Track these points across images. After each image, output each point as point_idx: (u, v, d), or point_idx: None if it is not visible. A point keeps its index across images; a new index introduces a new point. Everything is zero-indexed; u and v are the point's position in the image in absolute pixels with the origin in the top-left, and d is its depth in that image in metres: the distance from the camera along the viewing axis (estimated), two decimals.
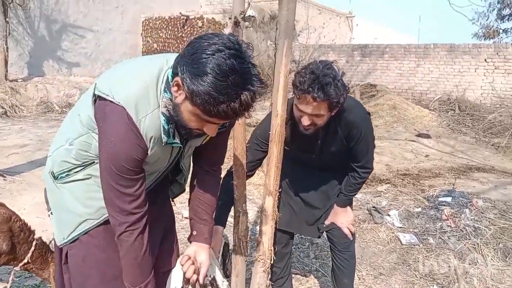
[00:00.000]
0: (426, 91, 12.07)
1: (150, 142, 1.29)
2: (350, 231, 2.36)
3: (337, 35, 17.36)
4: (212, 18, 13.70)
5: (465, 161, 7.36)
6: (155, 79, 1.28)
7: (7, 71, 10.62)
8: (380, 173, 6.15)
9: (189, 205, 1.68)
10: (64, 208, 1.48)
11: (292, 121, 2.07)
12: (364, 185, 5.69)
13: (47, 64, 12.76)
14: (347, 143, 2.10)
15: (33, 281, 2.73)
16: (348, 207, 2.37)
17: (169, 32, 14.43)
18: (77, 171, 1.43)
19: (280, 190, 2.15)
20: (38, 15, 12.34)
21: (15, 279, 2.29)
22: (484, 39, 17.23)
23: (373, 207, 4.10)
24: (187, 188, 1.72)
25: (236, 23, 1.97)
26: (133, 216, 1.32)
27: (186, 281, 1.54)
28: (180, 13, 14.02)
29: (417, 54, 12.15)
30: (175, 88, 1.21)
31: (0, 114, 8.90)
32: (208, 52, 1.13)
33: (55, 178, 1.47)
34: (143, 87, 1.26)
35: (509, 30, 17.42)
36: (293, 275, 3.01)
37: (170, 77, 1.26)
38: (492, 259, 3.41)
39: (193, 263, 1.54)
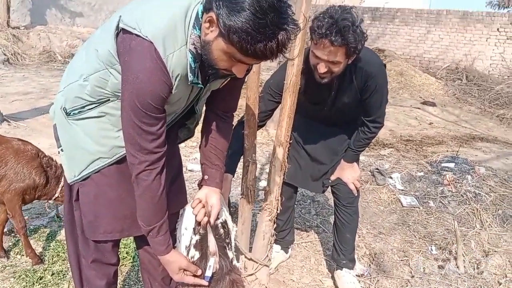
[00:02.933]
0: (434, 59, 11.87)
1: (176, 80, 1.25)
2: (356, 187, 2.38)
3: None
4: None
5: (468, 130, 7.35)
6: (183, 15, 1.22)
7: (9, 17, 10.40)
8: (384, 137, 6.14)
9: (200, 150, 1.67)
10: (76, 145, 1.46)
11: (306, 72, 2.03)
12: (367, 148, 5.70)
13: (50, 13, 12.46)
14: (360, 96, 2.07)
15: (40, 221, 2.78)
16: (355, 163, 2.38)
17: None
18: (91, 108, 1.40)
19: (290, 141, 2.14)
20: None
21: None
22: (499, 8, 16.77)
23: (376, 169, 4.12)
24: (196, 134, 1.70)
25: None
26: (153, 155, 1.30)
27: (198, 223, 1.55)
28: None
29: (429, 20, 11.85)
30: (207, 25, 1.17)
31: (2, 61, 8.78)
32: None
33: (67, 114, 1.43)
34: (172, 22, 1.21)
35: None
36: (295, 230, 3.07)
37: (200, 13, 1.22)
38: (490, 225, 3.46)
39: (203, 206, 1.55)
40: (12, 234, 2.61)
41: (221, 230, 1.56)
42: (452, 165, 4.41)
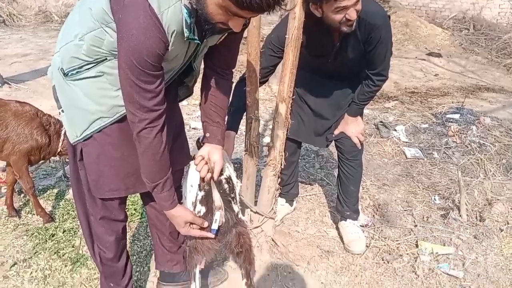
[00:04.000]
0: (441, 9, 11.48)
1: (171, 36, 1.23)
2: (360, 141, 2.38)
3: None
4: None
5: (475, 81, 7.24)
6: None
7: None
8: (388, 90, 6.07)
9: (200, 108, 1.66)
10: (76, 105, 1.46)
11: (309, 25, 1.97)
12: (372, 101, 5.67)
13: None
14: (364, 48, 2.03)
15: (48, 181, 2.83)
16: (359, 117, 2.36)
17: None
18: (89, 68, 1.39)
19: (293, 97, 2.12)
20: None
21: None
22: None
23: (380, 121, 4.10)
24: (195, 91, 1.68)
25: None
26: (153, 113, 1.30)
27: (202, 179, 1.57)
28: None
29: None
30: None
31: None
32: None
33: (65, 75, 1.42)
34: None
35: None
36: (299, 183, 3.10)
37: None
38: (494, 174, 3.48)
39: (206, 163, 1.56)
40: (22, 195, 2.66)
41: (226, 186, 1.58)
42: (457, 116, 4.39)
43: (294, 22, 1.88)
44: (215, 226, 1.51)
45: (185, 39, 1.26)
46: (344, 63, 2.13)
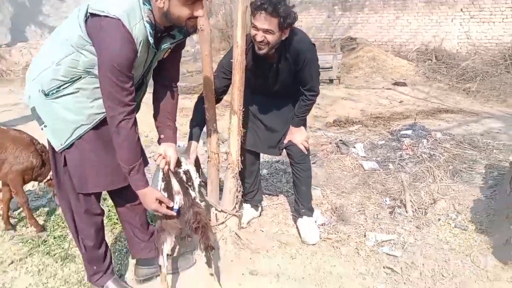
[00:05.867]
0: (405, 43, 12.35)
1: (139, 45, 1.68)
2: (305, 147, 2.80)
3: None
4: None
5: (436, 105, 7.80)
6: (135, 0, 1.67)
7: None
8: (354, 116, 6.59)
9: (153, 116, 2.08)
10: (59, 119, 1.82)
11: (251, 52, 2.45)
12: (338, 126, 6.14)
13: (29, 30, 12.81)
14: (294, 68, 2.49)
15: (39, 202, 3.18)
16: (302, 127, 2.80)
17: None
18: (66, 87, 1.78)
19: (243, 110, 2.55)
20: None
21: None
22: None
23: (340, 140, 4.55)
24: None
25: None
26: (128, 107, 1.72)
27: (163, 173, 1.97)
28: None
29: (396, 6, 12.33)
30: (159, 1, 1.63)
31: None
32: None
33: (46, 95, 1.79)
34: (130, 5, 1.65)
35: None
36: (266, 195, 3.49)
37: None
38: (441, 179, 3.90)
39: (164, 158, 1.97)
40: (16, 212, 3.01)
41: (183, 176, 1.99)
42: (410, 132, 4.86)
43: (238, 49, 2.35)
44: (176, 207, 1.90)
45: (150, 46, 1.71)
46: (282, 83, 2.60)
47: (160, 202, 1.88)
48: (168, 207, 1.90)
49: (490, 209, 3.19)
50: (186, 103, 7.06)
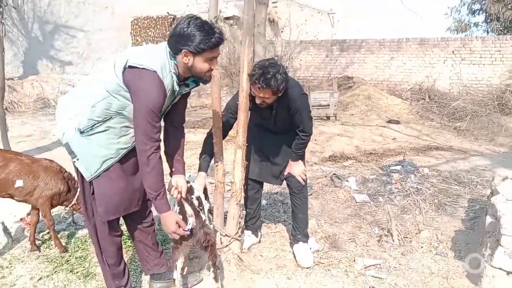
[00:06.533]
0: (400, 82, 12.93)
1: (168, 91, 2.08)
2: (302, 178, 3.15)
3: (319, 31, 18.16)
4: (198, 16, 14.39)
5: (428, 142, 8.20)
6: (165, 56, 2.08)
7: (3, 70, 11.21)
8: (349, 152, 6.96)
9: (165, 153, 2.42)
10: (90, 152, 2.16)
11: (253, 98, 2.86)
12: (333, 161, 6.48)
13: (41, 63, 13.38)
14: (288, 113, 2.88)
15: (60, 226, 3.50)
16: (300, 161, 3.16)
17: (157, 30, 15.10)
18: (98, 125, 2.13)
19: (247, 145, 2.92)
20: (32, 16, 12.95)
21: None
22: (457, 33, 18.19)
23: (334, 174, 4.90)
24: None
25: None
26: (157, 142, 2.07)
27: (178, 202, 2.32)
28: (168, 12, 14.69)
29: (391, 47, 12.99)
30: (185, 58, 2.06)
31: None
32: (188, 27, 2.02)
33: (82, 132, 2.13)
34: (162, 60, 2.07)
35: (479, 23, 18.40)
36: (265, 224, 3.80)
37: (171, 52, 2.10)
38: (427, 211, 4.23)
39: (176, 188, 2.32)
40: (40, 235, 3.32)
41: (196, 201, 2.34)
42: (399, 167, 5.22)
43: (243, 93, 2.75)
44: (189, 227, 2.23)
45: (176, 92, 2.13)
46: (280, 123, 2.98)
47: (178, 224, 2.21)
48: (184, 230, 2.22)
49: (469, 238, 3.51)
50: (190, 137, 7.47)
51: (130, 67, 2.03)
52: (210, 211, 2.66)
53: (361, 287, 2.80)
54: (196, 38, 2.00)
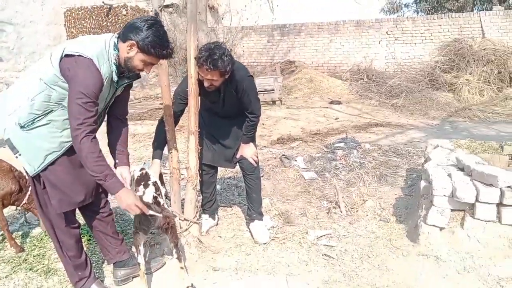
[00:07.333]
0: (339, 64, 13.42)
1: (105, 80, 2.12)
2: (254, 160, 3.30)
3: (259, 16, 18.27)
4: (136, 5, 14.03)
5: (368, 120, 8.68)
6: (104, 45, 2.13)
7: None
8: (295, 134, 7.22)
9: (108, 145, 2.47)
10: (33, 147, 2.14)
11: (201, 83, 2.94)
12: (281, 143, 6.71)
13: None
14: (236, 95, 2.99)
15: (13, 227, 3.41)
16: (251, 143, 3.30)
17: (93, 21, 14.52)
18: (40, 119, 2.12)
19: (200, 130, 3.01)
20: None
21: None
22: (390, 14, 19.09)
23: (283, 155, 5.11)
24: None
25: (156, 14, 2.79)
26: (90, 127, 2.05)
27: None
28: (103, 2, 14.16)
29: (329, 30, 13.42)
30: (128, 48, 2.11)
31: None
32: (149, 28, 2.10)
33: (22, 127, 2.11)
34: (99, 49, 2.11)
35: (410, 4, 19.43)
36: (221, 208, 3.93)
37: (116, 42, 2.15)
38: (370, 183, 4.55)
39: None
40: None
41: (152, 187, 2.41)
42: (342, 144, 5.53)
43: (192, 79, 2.83)
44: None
45: (113, 82, 2.18)
46: (230, 106, 3.09)
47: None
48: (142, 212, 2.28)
49: (408, 204, 3.85)
50: (138, 129, 7.40)
51: (66, 55, 2.06)
52: (167, 196, 2.74)
53: (315, 255, 3.02)
54: (150, 39, 2.10)
